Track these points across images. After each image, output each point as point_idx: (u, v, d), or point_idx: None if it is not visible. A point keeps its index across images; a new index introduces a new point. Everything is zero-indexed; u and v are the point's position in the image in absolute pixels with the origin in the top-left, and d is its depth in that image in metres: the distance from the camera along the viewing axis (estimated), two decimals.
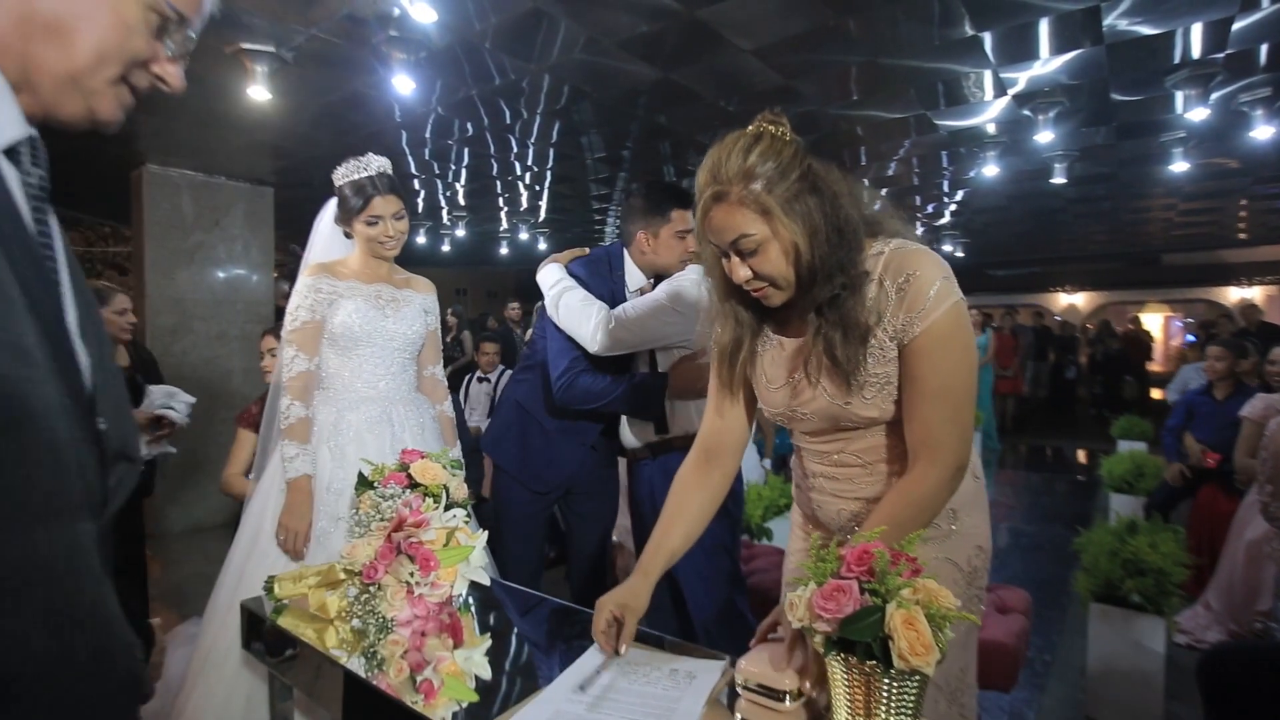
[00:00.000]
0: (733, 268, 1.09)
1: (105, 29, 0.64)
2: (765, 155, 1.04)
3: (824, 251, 1.05)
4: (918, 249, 1.09)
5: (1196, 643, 3.00)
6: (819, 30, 2.96)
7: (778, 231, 1.04)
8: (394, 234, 1.85)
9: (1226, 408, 3.70)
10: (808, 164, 1.07)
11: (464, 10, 2.72)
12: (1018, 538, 4.80)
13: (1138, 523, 2.51)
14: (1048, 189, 5.92)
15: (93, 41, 0.63)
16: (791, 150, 1.06)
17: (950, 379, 1.06)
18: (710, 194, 1.06)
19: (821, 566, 0.89)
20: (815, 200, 1.05)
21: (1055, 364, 11.07)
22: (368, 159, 1.85)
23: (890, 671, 0.82)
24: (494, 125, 4.20)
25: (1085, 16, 2.84)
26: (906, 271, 1.06)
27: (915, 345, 1.06)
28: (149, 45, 0.68)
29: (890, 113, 4.10)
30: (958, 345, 1.07)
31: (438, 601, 1.16)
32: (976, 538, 1.22)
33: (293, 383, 1.78)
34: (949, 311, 1.05)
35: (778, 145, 1.05)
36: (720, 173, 1.05)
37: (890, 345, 1.08)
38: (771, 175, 1.03)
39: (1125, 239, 9.85)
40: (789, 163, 1.05)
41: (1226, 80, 3.49)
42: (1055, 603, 3.45)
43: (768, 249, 1.05)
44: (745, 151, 1.04)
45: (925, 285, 1.05)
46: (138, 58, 0.68)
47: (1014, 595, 2.23)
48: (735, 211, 1.05)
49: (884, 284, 1.08)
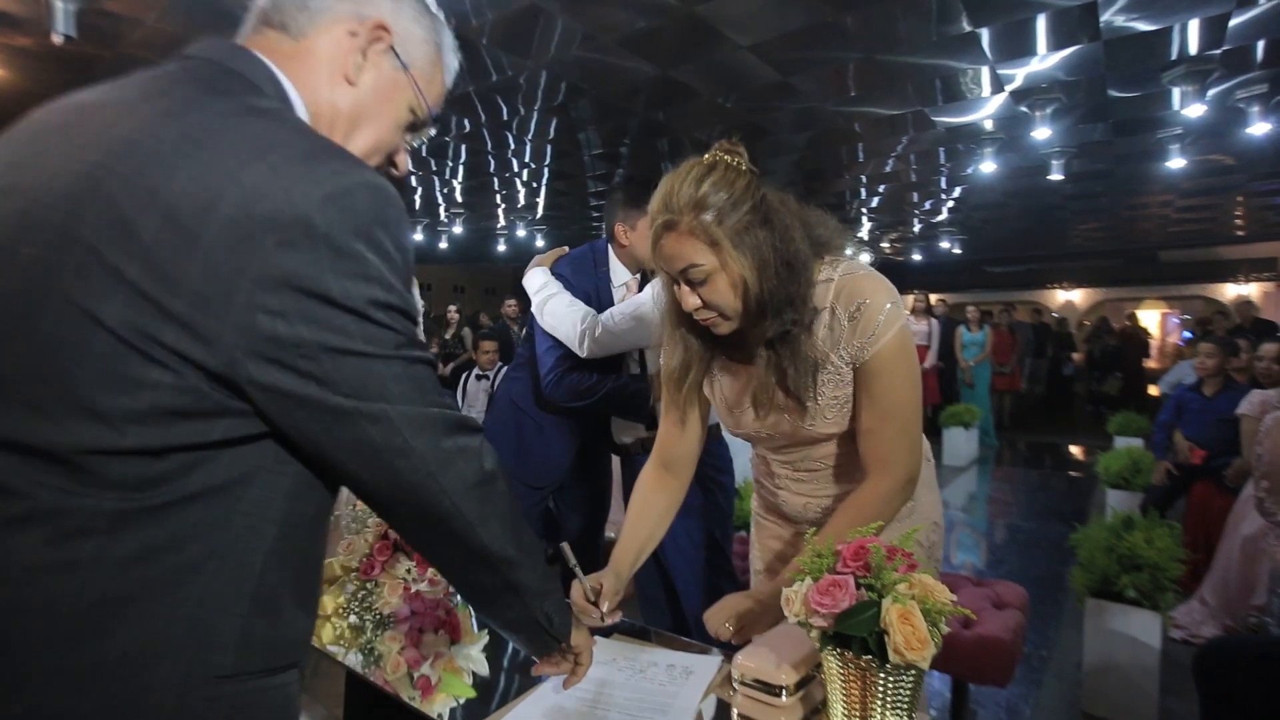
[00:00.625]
0: (682, 295, 1.11)
1: (388, 126, 0.75)
2: (718, 186, 1.05)
3: (772, 285, 1.07)
4: (865, 274, 1.14)
5: (1192, 638, 3.01)
6: (816, 26, 2.96)
7: (726, 264, 1.05)
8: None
9: (1215, 404, 3.72)
10: (761, 195, 1.08)
11: (461, 6, 2.72)
12: (1014, 534, 4.82)
13: (1134, 518, 2.52)
14: (1045, 186, 5.93)
15: (376, 134, 0.75)
16: (745, 182, 1.07)
17: (900, 396, 1.13)
18: (661, 222, 1.07)
19: (818, 562, 0.89)
20: (766, 233, 1.07)
21: (1053, 360, 11.08)
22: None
23: (886, 666, 0.82)
24: (491, 122, 4.19)
25: (1082, 12, 2.84)
26: (858, 300, 1.10)
27: (868, 367, 1.11)
28: (400, 139, 0.79)
29: (888, 109, 4.10)
30: (905, 365, 1.13)
31: (435, 598, 1.17)
32: (931, 515, 1.31)
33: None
34: (897, 334, 1.10)
35: (731, 176, 1.06)
36: (672, 201, 1.06)
37: (846, 369, 1.13)
38: (723, 207, 1.04)
39: (1122, 235, 9.88)
40: (741, 194, 1.06)
41: (1223, 77, 3.50)
42: (1052, 598, 3.46)
43: (716, 280, 1.07)
44: (698, 181, 1.05)
45: (876, 311, 1.10)
46: (392, 150, 0.79)
47: (1010, 591, 2.24)
48: (684, 241, 1.06)
49: (836, 312, 1.12)
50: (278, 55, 0.67)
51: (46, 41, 2.65)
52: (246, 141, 0.55)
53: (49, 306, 0.51)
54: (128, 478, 0.52)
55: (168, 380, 0.52)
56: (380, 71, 0.72)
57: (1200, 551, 3.27)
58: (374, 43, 0.71)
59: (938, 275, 14.19)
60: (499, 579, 0.74)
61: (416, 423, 0.60)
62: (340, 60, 0.70)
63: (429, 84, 0.77)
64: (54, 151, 0.56)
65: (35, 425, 0.51)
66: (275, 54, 0.67)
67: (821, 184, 6.24)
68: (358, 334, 0.56)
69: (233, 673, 0.58)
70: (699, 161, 1.09)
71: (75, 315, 0.51)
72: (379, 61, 0.72)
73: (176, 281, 0.51)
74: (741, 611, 1.16)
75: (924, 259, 12.47)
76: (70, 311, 0.51)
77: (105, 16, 2.73)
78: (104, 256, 0.51)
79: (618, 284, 2.08)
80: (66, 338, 0.51)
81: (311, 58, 0.69)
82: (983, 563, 4.29)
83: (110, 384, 0.51)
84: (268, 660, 0.61)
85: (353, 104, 0.71)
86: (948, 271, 13.89)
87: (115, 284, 0.50)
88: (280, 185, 0.53)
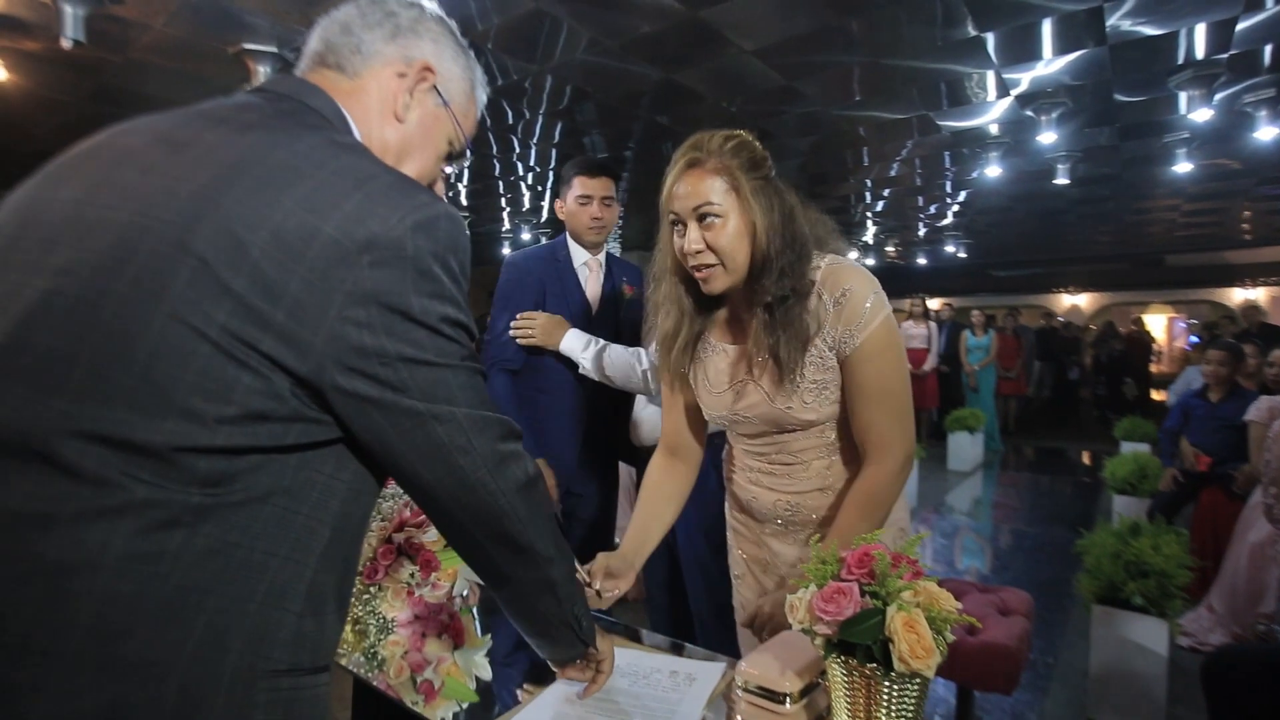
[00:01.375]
0: (688, 236, 1.14)
1: (432, 158, 0.82)
2: (743, 148, 1.13)
3: (777, 246, 1.12)
4: (851, 266, 1.19)
5: (1200, 645, 2.99)
6: (821, 31, 2.96)
7: (742, 208, 1.11)
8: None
9: (1220, 410, 3.70)
10: (773, 170, 1.17)
11: (466, 11, 2.73)
12: (1020, 539, 4.79)
13: (1141, 525, 2.50)
14: (1051, 190, 5.91)
15: (420, 164, 0.81)
16: (766, 159, 1.16)
17: (890, 382, 1.17)
18: (686, 159, 1.13)
19: (822, 569, 0.89)
20: (778, 200, 1.14)
21: (1058, 365, 11.04)
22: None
23: (891, 674, 0.81)
24: (496, 126, 4.21)
25: (1088, 17, 2.83)
26: (843, 287, 1.15)
27: (857, 355, 1.14)
28: (439, 169, 0.85)
29: (893, 113, 4.10)
30: (893, 352, 1.17)
31: (438, 602, 1.17)
32: (899, 522, 1.33)
33: None
34: (884, 323, 1.14)
35: (754, 148, 1.15)
36: (702, 142, 1.13)
37: (829, 355, 1.16)
38: (746, 163, 1.12)
39: (1129, 240, 9.84)
40: (761, 162, 1.15)
41: (1230, 81, 3.49)
42: (1058, 605, 3.44)
43: (727, 222, 1.12)
44: (727, 138, 1.13)
45: (860, 300, 1.14)
46: (433, 181, 0.85)
47: (1016, 597, 2.23)
48: (706, 178, 1.11)
49: (822, 297, 1.16)
50: (338, 93, 0.74)
51: (55, 46, 2.66)
52: (344, 173, 0.62)
53: (158, 313, 0.55)
54: (213, 474, 0.57)
55: (258, 385, 0.57)
56: (424, 109, 0.79)
57: (1208, 558, 3.25)
58: (420, 83, 0.78)
59: (942, 279, 14.16)
60: (540, 576, 0.80)
61: (479, 424, 0.67)
62: (390, 99, 0.76)
63: (465, 117, 0.84)
64: (159, 171, 0.60)
65: (135, 423, 0.55)
66: (336, 92, 0.74)
67: (826, 188, 6.24)
68: (430, 346, 0.63)
69: (288, 668, 0.62)
70: (729, 132, 1.16)
71: (181, 322, 0.55)
72: (423, 99, 0.79)
73: (279, 295, 0.56)
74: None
75: (929, 263, 12.45)
76: (177, 318, 0.55)
77: (114, 21, 2.75)
78: (214, 269, 0.56)
79: (579, 263, 2.12)
80: (172, 343, 0.55)
81: (366, 96, 0.76)
82: (988, 568, 4.27)
83: (208, 387, 0.56)
84: (314, 658, 0.65)
85: (401, 139, 0.78)
86: (952, 275, 13.86)
87: (222, 294, 0.55)
88: (378, 212, 0.60)
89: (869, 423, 1.17)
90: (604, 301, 2.13)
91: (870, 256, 11.40)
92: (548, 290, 2.08)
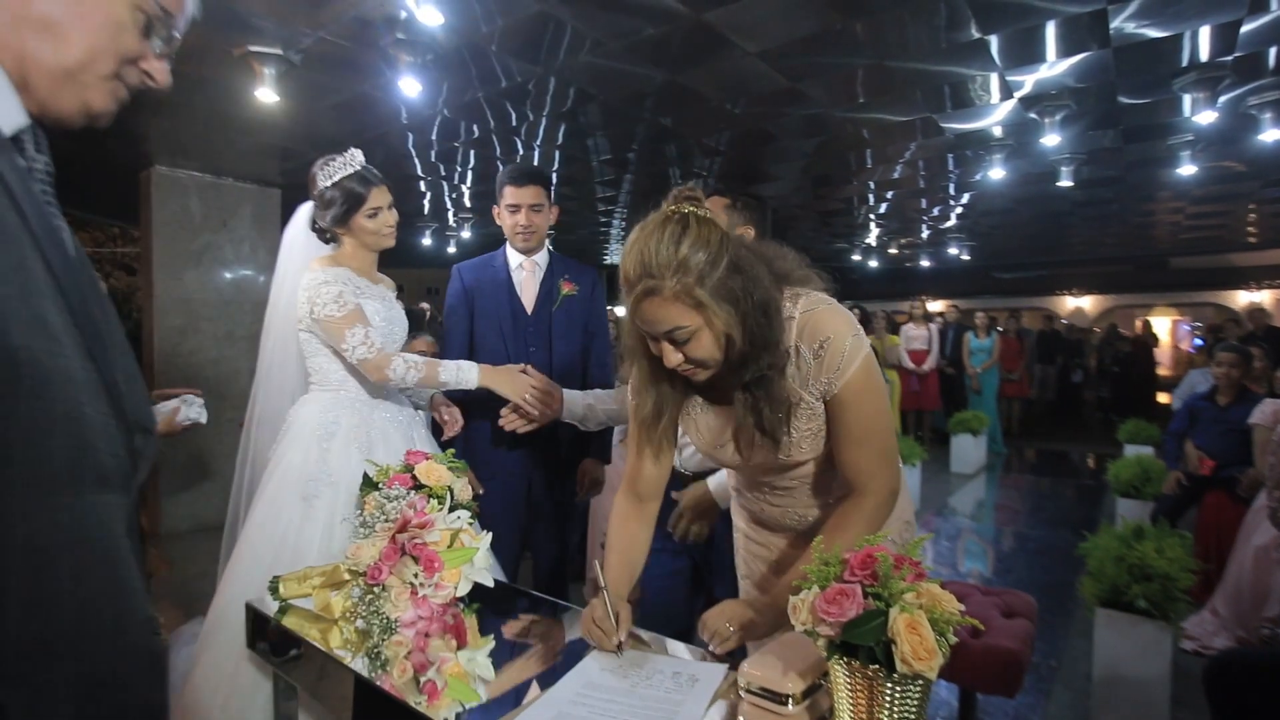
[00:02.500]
0: (664, 352, 1.11)
1: (97, 27, 0.68)
2: (696, 245, 1.04)
3: (754, 333, 1.09)
4: (825, 309, 1.16)
5: (1203, 649, 2.98)
6: (825, 33, 2.96)
7: (711, 322, 1.06)
8: (393, 223, 1.91)
9: (1229, 414, 3.68)
10: (729, 245, 1.08)
11: (471, 13, 2.73)
12: (1023, 542, 4.78)
13: (1144, 528, 2.49)
14: (1054, 192, 5.90)
15: (86, 39, 0.67)
16: (718, 234, 1.07)
17: (872, 422, 1.17)
18: (642, 289, 1.06)
19: (825, 570, 0.89)
20: (741, 282, 1.07)
21: (1061, 367, 11.01)
22: (350, 154, 1.87)
23: (893, 676, 0.82)
24: (500, 127, 4.21)
25: (1092, 19, 2.83)
26: (820, 338, 1.13)
27: (838, 399, 1.15)
28: (138, 43, 0.72)
29: (896, 115, 4.10)
30: (872, 392, 1.16)
31: (441, 603, 1.17)
32: (904, 515, 1.36)
33: (383, 353, 1.77)
34: (861, 365, 1.13)
35: (705, 231, 1.06)
36: (652, 267, 1.05)
37: (817, 403, 1.17)
38: (704, 267, 1.04)
39: (1133, 242, 9.81)
40: (718, 250, 1.05)
41: (1235, 83, 3.48)
42: (1061, 608, 3.43)
43: (701, 337, 1.08)
44: (676, 242, 1.04)
45: (839, 346, 1.12)
46: (128, 55, 0.72)
47: (1019, 600, 2.22)
48: (668, 306, 1.06)
49: (801, 350, 1.15)
50: None
51: None
52: None
53: None
54: None
55: None
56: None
57: (1211, 562, 3.24)
58: None
59: (946, 281, 14.13)
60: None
61: None
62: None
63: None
64: None
65: None
66: None
67: (829, 189, 6.24)
68: None
69: None
70: (669, 218, 1.07)
71: None
72: None
73: None
74: (741, 619, 1.17)
75: (932, 264, 12.42)
76: None
77: None
78: None
79: (514, 267, 2.27)
80: None
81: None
82: (990, 570, 4.26)
83: None
84: None
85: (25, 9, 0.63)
86: (955, 277, 13.83)
87: None
88: None
89: (852, 462, 1.18)
90: (540, 301, 2.27)
91: (873, 258, 11.38)
92: (477, 296, 2.23)
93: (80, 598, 0.62)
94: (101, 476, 0.65)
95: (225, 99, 3.54)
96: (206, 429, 1.81)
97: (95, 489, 0.64)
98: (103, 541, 0.64)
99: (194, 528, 4.91)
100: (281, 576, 1.37)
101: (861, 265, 12.01)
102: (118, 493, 0.67)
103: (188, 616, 2.90)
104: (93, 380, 0.64)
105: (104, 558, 0.64)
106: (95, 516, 0.64)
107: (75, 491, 0.62)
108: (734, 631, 1.16)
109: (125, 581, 0.66)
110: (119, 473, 0.67)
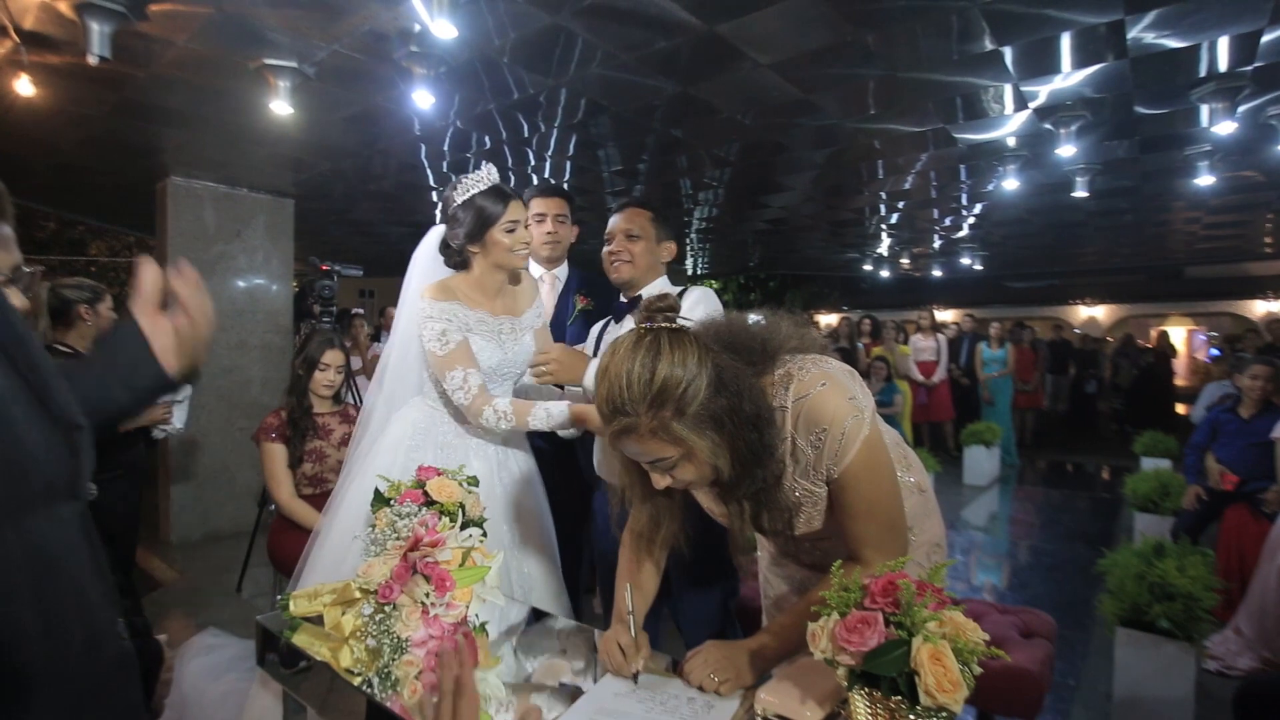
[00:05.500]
0: (652, 477, 1.08)
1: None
2: (672, 368, 0.97)
3: (743, 453, 1.03)
4: (819, 394, 1.07)
5: (1227, 669, 2.91)
6: (838, 45, 2.95)
7: (694, 452, 1.01)
8: (528, 240, 1.86)
9: (1253, 427, 3.61)
10: (708, 360, 1.00)
11: (484, 26, 2.74)
12: (1038, 556, 4.71)
13: (1165, 544, 2.45)
14: (1068, 202, 5.85)
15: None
16: (695, 351, 0.99)
17: (875, 501, 1.12)
18: (618, 428, 1.00)
19: (845, 596, 0.87)
20: (726, 402, 1.00)
21: (1076, 378, 10.89)
22: (485, 170, 1.84)
23: (916, 708, 0.79)
24: (512, 139, 4.23)
25: (1109, 30, 2.80)
26: (817, 429, 1.08)
27: (838, 483, 1.11)
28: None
29: (908, 126, 4.08)
30: (875, 469, 1.10)
31: (453, 622, 1.15)
32: (934, 538, 1.35)
33: (479, 398, 1.73)
34: (861, 447, 1.07)
35: (679, 350, 0.98)
36: (624, 404, 0.98)
37: (820, 487, 1.13)
38: (680, 397, 0.97)
39: (1147, 252, 9.71)
40: (696, 371, 0.98)
41: (1254, 93, 3.44)
42: (1079, 624, 3.37)
43: (686, 465, 1.04)
44: (650, 370, 0.97)
45: (836, 433, 1.07)
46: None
47: (1038, 620, 2.18)
48: (645, 440, 1.00)
49: (798, 442, 1.10)
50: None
51: (80, 61, 2.71)
52: None
53: None
54: None
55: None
56: None
57: (1234, 579, 3.17)
58: None
59: (958, 291, 14.04)
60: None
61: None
62: None
63: None
64: None
65: None
66: None
67: (840, 200, 6.21)
68: None
69: None
70: (640, 338, 1.00)
71: None
72: None
73: None
74: (724, 671, 1.13)
75: (944, 274, 12.35)
76: None
77: (138, 37, 2.79)
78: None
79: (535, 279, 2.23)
80: None
81: None
82: (1005, 585, 4.19)
83: None
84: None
85: None
86: (967, 287, 13.74)
87: None
88: None
89: (859, 535, 1.13)
90: (556, 315, 2.28)
91: (884, 269, 11.33)
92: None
93: (49, 624, 0.61)
94: (49, 486, 0.64)
95: (240, 111, 3.58)
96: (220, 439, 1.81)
97: (45, 504, 0.63)
98: (62, 561, 0.64)
99: (205, 536, 4.93)
100: (292, 593, 1.36)
101: (873, 275, 11.96)
102: (66, 499, 0.66)
103: (199, 625, 2.90)
104: (15, 386, 0.64)
105: (68, 581, 0.64)
106: (52, 535, 0.63)
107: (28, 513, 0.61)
108: (720, 683, 1.12)
109: (90, 596, 0.66)
110: (64, 477, 0.66)
